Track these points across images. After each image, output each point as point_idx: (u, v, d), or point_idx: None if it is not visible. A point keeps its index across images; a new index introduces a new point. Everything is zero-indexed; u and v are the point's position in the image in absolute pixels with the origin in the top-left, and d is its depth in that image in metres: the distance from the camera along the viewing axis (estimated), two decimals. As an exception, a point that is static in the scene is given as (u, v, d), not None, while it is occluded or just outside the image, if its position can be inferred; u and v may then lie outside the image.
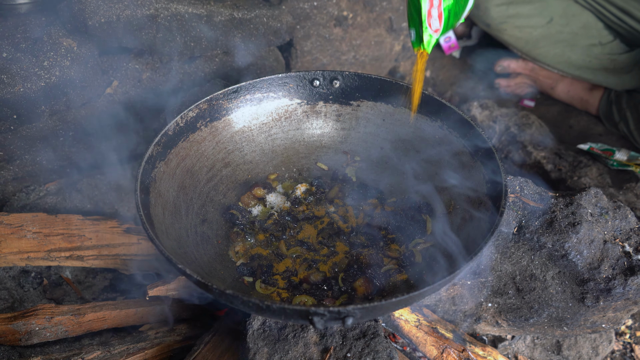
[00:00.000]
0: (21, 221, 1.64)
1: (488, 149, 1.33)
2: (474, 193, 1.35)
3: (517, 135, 2.14)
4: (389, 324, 1.44)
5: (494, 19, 2.36)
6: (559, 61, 2.36)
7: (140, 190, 1.23)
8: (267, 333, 1.25)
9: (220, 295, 1.09)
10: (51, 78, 1.73)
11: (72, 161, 1.92)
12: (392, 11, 2.36)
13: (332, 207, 1.53)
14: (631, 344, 1.73)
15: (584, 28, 2.31)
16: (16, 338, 1.41)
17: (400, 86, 1.51)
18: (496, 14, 2.35)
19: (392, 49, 2.49)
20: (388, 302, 1.05)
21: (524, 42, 2.37)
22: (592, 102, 2.38)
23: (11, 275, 1.66)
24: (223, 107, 1.51)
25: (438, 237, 1.40)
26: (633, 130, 2.17)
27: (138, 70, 2.00)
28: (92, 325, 1.48)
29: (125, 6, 1.81)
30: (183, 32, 1.91)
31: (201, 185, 1.47)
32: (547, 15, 2.33)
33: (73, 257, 1.63)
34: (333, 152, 1.62)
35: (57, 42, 1.76)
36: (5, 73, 1.66)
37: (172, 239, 1.27)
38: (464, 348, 1.41)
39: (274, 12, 2.05)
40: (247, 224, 1.48)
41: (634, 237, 1.40)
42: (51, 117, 1.83)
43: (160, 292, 1.48)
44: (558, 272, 1.38)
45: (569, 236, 1.35)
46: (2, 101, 1.67)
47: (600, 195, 1.44)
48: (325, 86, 1.57)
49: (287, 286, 1.34)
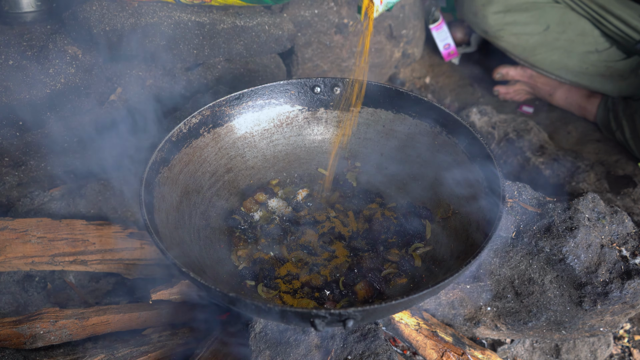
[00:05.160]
0: (26, 226, 1.66)
1: (487, 154, 1.35)
2: (472, 198, 1.37)
3: (516, 141, 2.16)
4: (389, 328, 1.46)
5: (491, 26, 2.39)
6: (556, 67, 2.38)
7: (144, 195, 1.25)
8: (268, 336, 1.27)
9: (223, 299, 1.10)
10: (56, 85, 1.76)
11: (76, 167, 1.94)
12: (391, 19, 2.39)
13: (332, 211, 1.55)
14: (629, 348, 1.74)
15: (581, 35, 2.33)
16: (21, 341, 1.43)
17: (401, 93, 1.53)
18: (493, 22, 2.38)
19: (392, 56, 2.52)
20: (388, 305, 1.07)
21: (521, 49, 2.40)
22: (590, 109, 2.40)
23: (15, 279, 1.68)
24: (225, 113, 1.53)
25: (437, 242, 1.42)
26: (629, 139, 2.19)
27: (141, 78, 2.03)
28: (95, 328, 1.49)
29: (130, 14, 1.84)
30: (186, 40, 1.94)
31: (204, 190, 1.49)
32: (544, 22, 2.36)
33: (77, 261, 1.64)
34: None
35: (62, 49, 1.79)
36: (12, 80, 1.68)
37: (175, 244, 1.29)
38: (464, 351, 1.42)
39: (275, 20, 2.08)
40: (249, 228, 1.50)
41: (631, 241, 1.42)
42: (56, 124, 1.85)
43: (163, 296, 1.49)
44: (556, 276, 1.40)
45: (566, 240, 1.37)
46: (8, 108, 1.70)
47: (597, 200, 1.46)
48: (326, 93, 1.60)
49: (289, 290, 1.36)
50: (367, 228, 1.49)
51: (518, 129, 2.21)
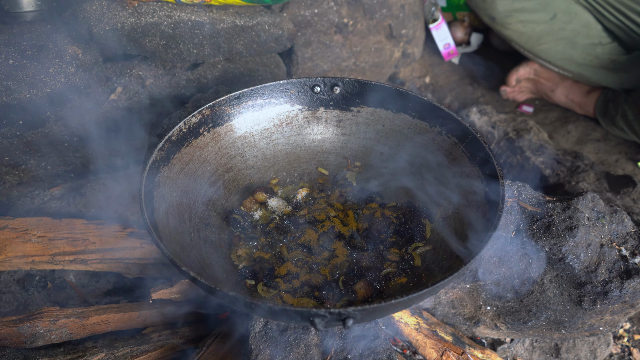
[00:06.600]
0: (26, 225, 1.66)
1: (486, 154, 1.35)
2: (472, 197, 1.37)
3: (516, 141, 2.16)
4: (389, 327, 1.46)
5: (499, 12, 2.38)
6: (560, 58, 2.38)
7: (144, 194, 1.26)
8: (268, 335, 1.27)
9: (223, 298, 1.11)
10: (56, 84, 1.76)
11: (76, 166, 1.95)
12: (391, 18, 2.39)
13: (332, 211, 1.55)
14: (629, 347, 1.74)
15: (586, 27, 2.34)
16: (21, 340, 1.43)
17: (401, 93, 1.54)
18: (502, 7, 2.37)
19: (392, 56, 2.52)
20: (387, 304, 1.07)
21: (526, 38, 2.39)
22: (590, 104, 2.41)
23: (16, 278, 1.68)
24: (225, 113, 1.54)
25: (437, 241, 1.42)
26: (632, 121, 2.19)
27: (141, 77, 2.03)
28: (96, 327, 1.49)
29: (129, 14, 1.84)
30: (186, 40, 1.94)
31: (204, 189, 1.49)
32: (551, 10, 2.35)
33: (77, 260, 1.65)
34: (334, 157, 1.65)
35: (62, 49, 1.79)
36: (12, 79, 1.68)
37: (175, 243, 1.29)
38: (464, 351, 1.42)
39: (275, 20, 2.08)
40: (249, 228, 1.50)
41: (631, 240, 1.42)
42: (56, 123, 1.85)
43: (163, 295, 1.50)
44: (555, 276, 1.40)
45: (566, 240, 1.37)
46: (9, 107, 1.70)
47: (597, 200, 1.47)
48: (326, 92, 1.60)
49: (289, 289, 1.36)
50: (367, 227, 1.49)
51: (518, 128, 2.21)
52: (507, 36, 2.44)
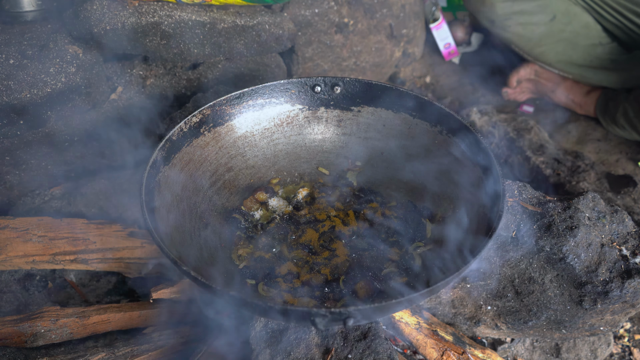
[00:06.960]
0: (27, 225, 1.67)
1: (487, 153, 1.35)
2: (472, 197, 1.37)
3: (516, 141, 2.16)
4: (390, 327, 1.46)
5: (498, 15, 2.37)
6: (560, 59, 2.38)
7: (145, 194, 1.26)
8: (269, 334, 1.27)
9: (224, 297, 1.11)
10: (57, 84, 1.76)
11: (77, 166, 1.95)
12: (392, 18, 2.39)
13: (333, 210, 1.55)
14: (630, 347, 1.74)
15: (585, 28, 2.34)
16: (22, 340, 1.43)
17: (401, 92, 1.54)
18: (501, 10, 2.36)
19: (393, 55, 2.52)
20: (388, 304, 1.07)
21: (526, 40, 2.39)
22: (590, 103, 2.41)
23: (16, 278, 1.68)
24: (226, 112, 1.54)
25: (437, 241, 1.42)
26: (633, 118, 2.19)
27: (142, 77, 2.04)
28: (96, 327, 1.49)
29: (130, 14, 1.84)
30: (186, 39, 1.94)
31: (204, 189, 1.49)
32: (550, 12, 2.35)
33: (78, 260, 1.65)
34: (334, 156, 1.65)
35: (62, 49, 1.79)
36: (12, 79, 1.68)
37: (176, 242, 1.29)
38: (464, 350, 1.42)
39: (275, 19, 2.08)
40: (250, 227, 1.50)
41: (631, 240, 1.42)
42: (57, 123, 1.85)
43: (164, 295, 1.50)
44: (556, 275, 1.40)
45: (566, 240, 1.37)
46: (9, 107, 1.70)
47: (597, 200, 1.47)
48: (326, 92, 1.60)
49: (289, 289, 1.36)
50: (368, 227, 1.49)
51: (518, 128, 2.21)
52: (506, 39, 2.44)
